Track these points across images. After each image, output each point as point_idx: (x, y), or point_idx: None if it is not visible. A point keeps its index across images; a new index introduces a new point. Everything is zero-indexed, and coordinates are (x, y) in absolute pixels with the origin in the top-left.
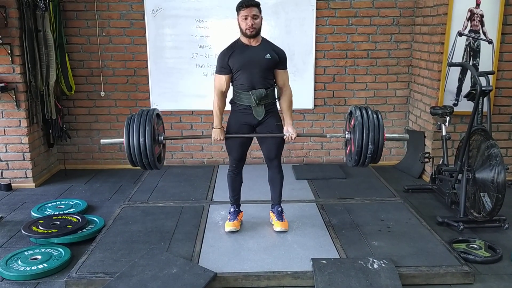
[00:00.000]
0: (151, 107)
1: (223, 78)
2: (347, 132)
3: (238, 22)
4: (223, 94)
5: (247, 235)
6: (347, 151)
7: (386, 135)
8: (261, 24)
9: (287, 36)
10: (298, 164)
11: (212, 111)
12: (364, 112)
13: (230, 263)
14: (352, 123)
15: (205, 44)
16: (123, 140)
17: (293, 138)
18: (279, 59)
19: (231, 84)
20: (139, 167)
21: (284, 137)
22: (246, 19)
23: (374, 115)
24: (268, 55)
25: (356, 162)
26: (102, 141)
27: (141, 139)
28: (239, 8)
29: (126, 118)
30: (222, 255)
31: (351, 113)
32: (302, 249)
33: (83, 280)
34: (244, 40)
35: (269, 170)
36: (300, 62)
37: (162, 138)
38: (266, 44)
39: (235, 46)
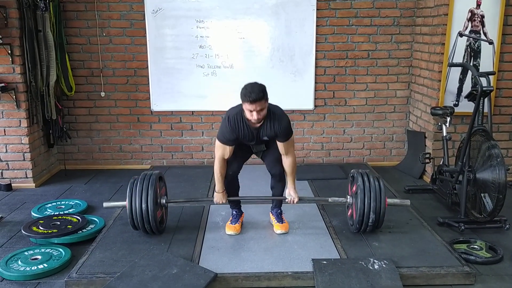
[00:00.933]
0: (154, 171)
1: (227, 148)
2: (349, 196)
3: (242, 108)
4: (225, 161)
5: (248, 235)
6: (349, 215)
7: (388, 200)
8: (266, 109)
9: (287, 36)
10: (299, 164)
11: (212, 111)
12: (366, 179)
13: (231, 264)
14: (354, 189)
15: (205, 44)
16: (125, 203)
17: (294, 202)
18: (277, 136)
19: None
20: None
21: (286, 200)
22: (251, 111)
23: (376, 183)
24: (265, 138)
25: (358, 229)
26: (105, 204)
27: (143, 205)
28: (243, 100)
29: (129, 182)
30: (223, 256)
31: (353, 177)
32: (303, 249)
33: (83, 280)
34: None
35: (271, 177)
36: (300, 63)
37: (164, 201)
38: (268, 123)
39: (240, 124)
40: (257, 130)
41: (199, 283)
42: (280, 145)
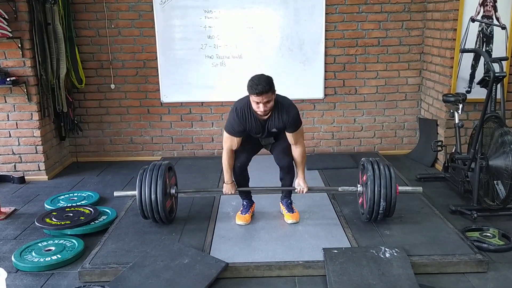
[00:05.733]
0: (164, 161)
1: (235, 140)
2: (359, 185)
3: (250, 100)
4: (233, 152)
5: (258, 225)
6: (360, 203)
7: (398, 188)
8: (274, 101)
9: (296, 25)
10: (309, 154)
11: (222, 101)
12: (376, 167)
13: (242, 253)
14: (365, 178)
15: (214, 35)
16: (135, 193)
17: (304, 192)
18: (286, 127)
19: None
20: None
21: (296, 190)
22: (257, 103)
23: (386, 170)
24: (274, 129)
25: (368, 219)
26: (115, 193)
27: (152, 196)
28: (249, 92)
29: (139, 173)
30: (234, 245)
31: (363, 166)
32: (313, 239)
33: (96, 271)
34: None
35: (280, 169)
36: (309, 51)
37: (174, 191)
38: (276, 114)
39: (247, 116)
40: (265, 122)
41: (211, 272)
42: (289, 136)
